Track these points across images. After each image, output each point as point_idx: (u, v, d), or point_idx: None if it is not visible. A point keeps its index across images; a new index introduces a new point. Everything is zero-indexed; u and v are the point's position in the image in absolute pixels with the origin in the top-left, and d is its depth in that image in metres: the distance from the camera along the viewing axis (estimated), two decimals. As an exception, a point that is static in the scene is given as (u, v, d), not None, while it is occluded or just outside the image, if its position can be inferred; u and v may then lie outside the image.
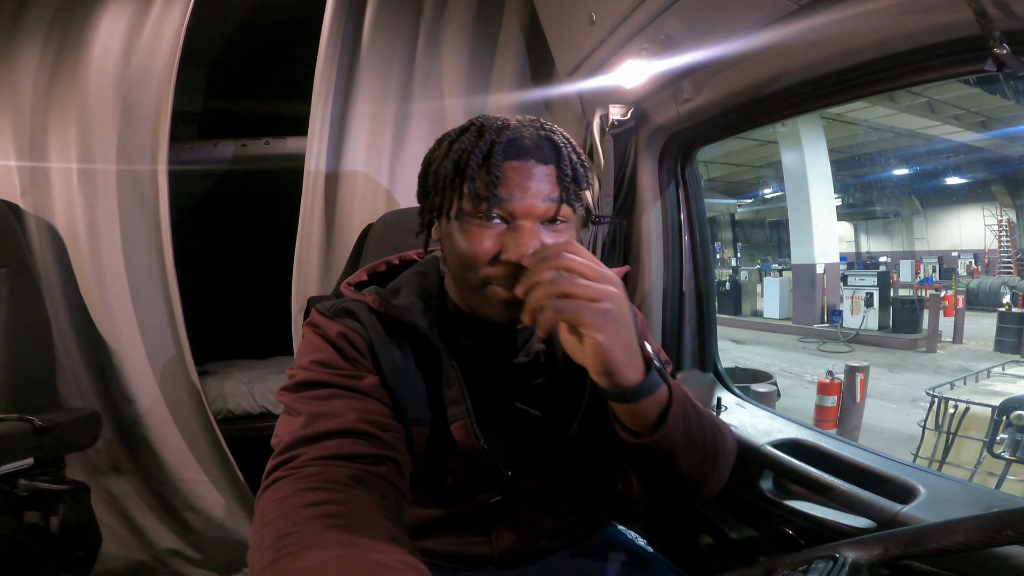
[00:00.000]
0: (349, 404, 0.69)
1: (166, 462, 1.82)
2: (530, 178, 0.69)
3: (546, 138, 0.71)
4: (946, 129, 12.39)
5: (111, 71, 1.72)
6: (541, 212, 0.69)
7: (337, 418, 0.66)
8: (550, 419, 0.80)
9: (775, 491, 1.09)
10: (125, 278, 1.77)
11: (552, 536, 0.84)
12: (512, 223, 0.69)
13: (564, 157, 0.71)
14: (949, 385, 2.78)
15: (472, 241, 0.70)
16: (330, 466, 0.61)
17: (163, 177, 1.76)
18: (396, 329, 0.77)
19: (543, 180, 0.69)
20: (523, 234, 0.68)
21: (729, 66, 1.13)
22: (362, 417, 0.67)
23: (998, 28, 0.74)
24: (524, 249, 0.67)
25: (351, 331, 0.75)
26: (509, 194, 0.68)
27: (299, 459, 0.62)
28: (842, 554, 0.51)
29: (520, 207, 0.68)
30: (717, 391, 1.50)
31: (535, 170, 0.69)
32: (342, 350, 0.73)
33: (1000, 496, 0.98)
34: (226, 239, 3.38)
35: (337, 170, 1.76)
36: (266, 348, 3.15)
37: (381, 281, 0.86)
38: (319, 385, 0.70)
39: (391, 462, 0.67)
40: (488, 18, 1.80)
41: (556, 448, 0.80)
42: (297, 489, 0.58)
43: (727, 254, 22.79)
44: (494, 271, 0.69)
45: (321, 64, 1.68)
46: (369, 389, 0.72)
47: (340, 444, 0.64)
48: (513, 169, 0.69)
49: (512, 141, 0.69)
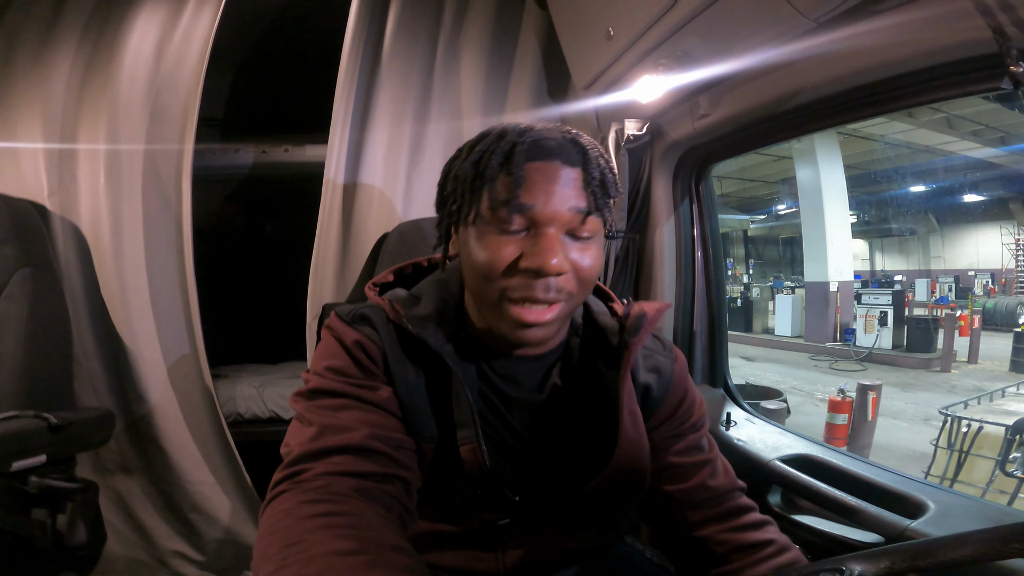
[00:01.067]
0: (360, 417, 0.67)
1: (175, 462, 1.83)
2: (555, 181, 0.63)
3: (572, 140, 0.66)
4: (964, 145, 12.26)
5: (142, 74, 1.76)
6: (567, 220, 0.64)
7: (347, 433, 0.65)
8: (561, 460, 0.76)
9: (783, 505, 1.09)
10: (145, 279, 1.80)
11: (560, 554, 0.81)
12: (534, 230, 0.64)
13: (592, 161, 0.65)
14: (963, 404, 2.74)
15: (489, 249, 0.64)
16: (336, 480, 0.60)
17: (187, 181, 1.79)
18: (411, 340, 0.73)
19: (569, 184, 0.64)
20: (545, 240, 0.63)
21: (746, 82, 1.14)
22: (372, 433, 0.66)
23: (1015, 46, 0.74)
24: (545, 257, 0.62)
25: (367, 339, 0.72)
26: (531, 198, 0.62)
27: (306, 474, 0.61)
28: (848, 567, 0.51)
29: (544, 213, 0.63)
30: (727, 406, 1.50)
31: (561, 172, 0.64)
32: (357, 359, 0.71)
33: (1010, 512, 0.97)
34: (244, 244, 3.43)
35: (355, 179, 1.78)
36: (279, 353, 3.19)
37: (408, 283, 0.84)
38: (332, 394, 0.69)
39: (399, 480, 0.66)
40: (506, 32, 1.82)
41: (569, 492, 0.76)
42: (303, 501, 0.57)
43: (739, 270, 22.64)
44: (511, 282, 0.64)
45: (342, 73, 1.72)
46: (382, 402, 0.69)
47: (348, 461, 0.63)
48: (536, 171, 0.63)
49: (536, 142, 0.64)
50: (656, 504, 0.81)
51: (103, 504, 1.69)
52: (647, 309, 0.77)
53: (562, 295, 0.65)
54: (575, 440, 0.76)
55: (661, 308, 0.78)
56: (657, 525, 0.82)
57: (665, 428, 0.82)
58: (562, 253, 0.63)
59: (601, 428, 0.74)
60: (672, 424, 0.82)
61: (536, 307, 0.65)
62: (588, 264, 0.66)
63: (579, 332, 0.80)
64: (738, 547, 0.75)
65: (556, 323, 0.68)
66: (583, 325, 0.81)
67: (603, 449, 0.74)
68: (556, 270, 0.62)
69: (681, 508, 0.79)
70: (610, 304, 0.85)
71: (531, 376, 0.77)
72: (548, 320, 0.66)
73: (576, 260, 0.65)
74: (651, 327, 0.76)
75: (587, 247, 0.66)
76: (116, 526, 1.80)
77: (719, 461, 0.83)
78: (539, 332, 0.67)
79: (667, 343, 0.87)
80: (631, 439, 0.74)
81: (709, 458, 0.82)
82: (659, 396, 0.81)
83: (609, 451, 0.73)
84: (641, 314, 0.76)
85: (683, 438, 0.82)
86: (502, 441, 0.76)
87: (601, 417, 0.75)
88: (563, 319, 0.69)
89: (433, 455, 0.73)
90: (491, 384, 0.75)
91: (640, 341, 0.74)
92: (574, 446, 0.76)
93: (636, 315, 0.76)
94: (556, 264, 0.62)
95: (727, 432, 1.36)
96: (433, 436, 0.73)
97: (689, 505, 0.79)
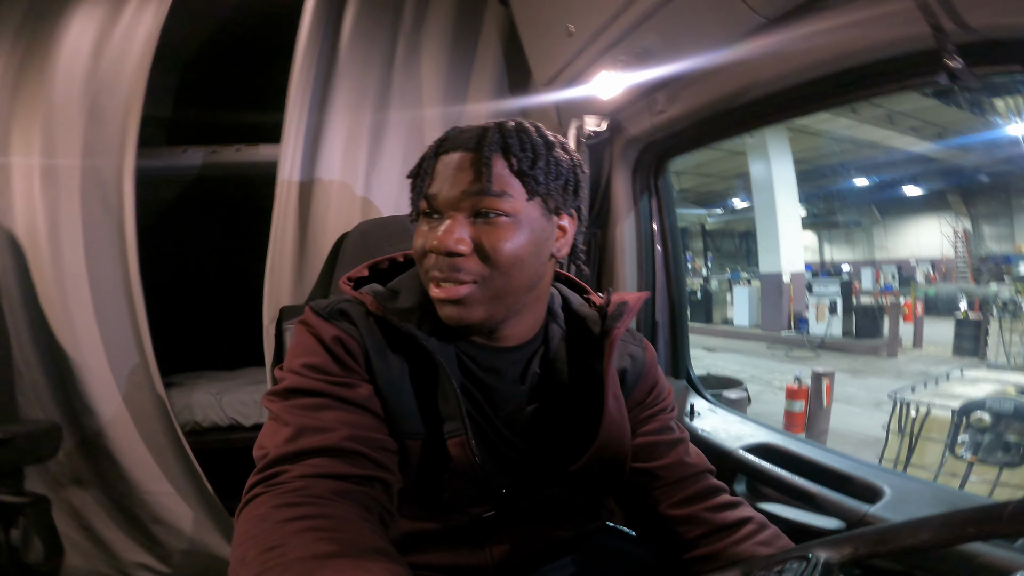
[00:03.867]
0: (340, 417, 0.66)
1: (130, 474, 1.76)
2: (454, 168, 0.68)
3: (482, 127, 0.70)
4: (905, 140, 12.86)
5: (79, 73, 1.68)
6: (465, 204, 0.67)
7: (326, 434, 0.63)
8: (547, 446, 0.77)
9: (748, 494, 1.12)
10: (87, 286, 1.72)
11: (548, 547, 0.81)
12: (439, 216, 0.69)
13: (490, 143, 0.68)
14: (911, 389, 2.87)
15: (416, 237, 0.71)
16: (315, 482, 0.59)
17: (129, 182, 1.71)
18: (393, 335, 0.72)
19: (466, 170, 0.68)
20: (442, 223, 0.68)
21: (702, 78, 1.16)
22: (352, 434, 0.64)
23: (952, 42, 0.78)
24: (436, 237, 0.66)
25: (346, 335, 0.70)
26: (436, 187, 0.69)
27: (283, 476, 0.60)
28: (814, 554, 0.52)
29: (439, 199, 0.68)
30: (690, 397, 1.52)
31: (460, 159, 0.68)
32: (336, 355, 0.69)
33: (963, 495, 1.02)
34: (195, 248, 3.31)
35: (312, 178, 1.74)
36: (236, 359, 3.09)
37: (383, 278, 0.83)
38: (310, 393, 0.67)
39: (379, 482, 0.65)
40: (467, 28, 1.81)
41: (553, 477, 0.77)
42: (280, 504, 0.56)
43: (698, 263, 23.20)
44: (426, 264, 0.69)
45: (298, 71, 1.67)
46: (362, 400, 0.68)
47: (327, 463, 0.61)
48: (443, 163, 0.69)
49: (449, 137, 0.70)
50: (635, 485, 0.81)
51: (58, 518, 1.65)
52: (627, 298, 0.80)
53: (466, 275, 0.67)
54: (559, 427, 0.77)
55: (641, 297, 0.81)
56: (635, 510, 0.83)
57: (638, 411, 0.83)
58: (459, 233, 0.67)
59: (584, 413, 0.76)
60: (645, 407, 0.84)
61: (446, 284, 0.68)
62: (494, 244, 0.67)
63: (559, 322, 0.81)
64: (721, 527, 0.75)
65: (474, 304, 0.68)
66: (563, 316, 0.82)
67: (587, 433, 0.75)
68: (446, 250, 0.66)
69: (660, 487, 0.80)
70: (586, 296, 0.87)
71: (512, 367, 0.77)
72: (459, 296, 0.67)
73: (481, 241, 0.67)
74: (633, 314, 0.79)
75: (494, 228, 0.67)
76: (74, 540, 1.74)
77: (691, 444, 0.86)
78: (456, 310, 0.68)
79: (636, 334, 0.89)
80: (615, 420, 0.75)
81: (682, 438, 0.84)
82: (632, 382, 0.83)
83: (593, 433, 0.74)
84: (623, 302, 0.79)
85: (655, 419, 0.84)
86: (487, 434, 0.76)
87: (584, 402, 0.76)
88: (485, 302, 0.69)
89: (419, 452, 0.72)
90: (473, 377, 0.75)
91: (623, 326, 0.77)
92: (558, 433, 0.77)
93: (618, 303, 0.79)
94: (444, 243, 0.66)
95: (691, 423, 1.38)
96: (418, 432, 0.72)
97: (668, 482, 0.80)
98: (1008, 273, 14.67)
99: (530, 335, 0.77)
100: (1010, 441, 1.90)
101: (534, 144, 0.70)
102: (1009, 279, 12.99)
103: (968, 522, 0.46)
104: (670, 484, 0.80)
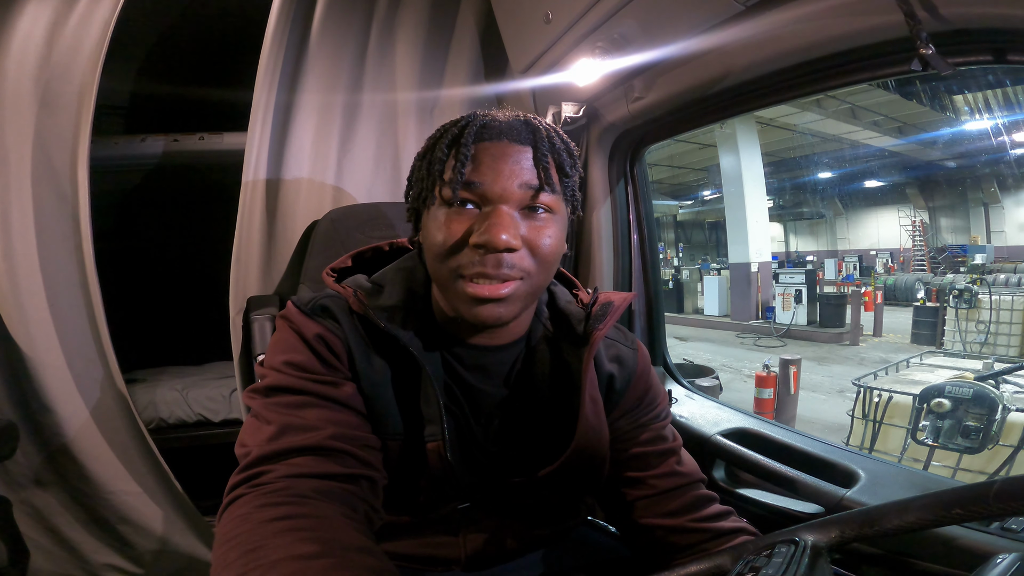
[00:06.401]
0: (324, 416, 0.64)
1: (92, 473, 1.70)
2: (503, 158, 0.64)
3: (524, 122, 0.67)
4: (867, 134, 13.28)
5: (31, 59, 1.58)
6: (517, 196, 0.64)
7: (309, 433, 0.62)
8: (523, 449, 0.76)
9: (727, 480, 1.13)
10: (40, 279, 1.63)
11: (521, 538, 0.81)
12: (485, 207, 0.64)
13: (543, 139, 0.66)
14: (873, 376, 2.95)
15: (442, 227, 0.64)
16: (298, 482, 0.58)
17: (83, 172, 1.63)
18: (376, 332, 0.70)
19: (519, 162, 0.64)
20: (496, 215, 0.62)
21: (678, 66, 1.16)
22: (337, 432, 0.63)
23: (925, 30, 0.78)
24: (494, 232, 0.61)
25: (329, 332, 0.68)
26: (480, 175, 0.63)
27: (266, 476, 0.58)
28: (802, 537, 0.52)
29: (492, 189, 0.63)
30: (668, 384, 1.54)
31: (509, 150, 0.64)
32: (319, 353, 0.67)
33: (935, 478, 1.05)
34: (156, 239, 3.20)
35: (280, 164, 1.67)
36: (202, 353, 3.01)
37: (367, 268, 0.80)
38: (292, 391, 0.65)
39: (365, 479, 0.64)
40: (443, 13, 1.76)
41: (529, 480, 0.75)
42: (262, 504, 0.55)
43: (670, 254, 23.56)
44: (463, 259, 0.64)
45: (266, 53, 1.59)
46: (346, 398, 0.67)
47: (311, 462, 0.60)
48: (484, 150, 0.64)
49: (485, 124, 0.66)
50: (625, 495, 0.79)
51: (20, 520, 1.59)
52: (613, 298, 0.78)
53: (516, 272, 0.64)
54: (539, 428, 0.76)
55: (627, 298, 0.79)
56: (625, 519, 0.80)
57: (629, 418, 0.81)
58: (513, 229, 0.63)
59: (564, 415, 0.74)
60: (636, 414, 0.82)
61: (490, 283, 0.64)
62: (544, 242, 0.66)
63: (544, 321, 0.79)
64: (713, 535, 0.74)
65: (515, 302, 0.66)
66: (548, 314, 0.80)
67: (564, 435, 0.73)
68: (505, 246, 0.62)
69: (651, 496, 0.78)
70: (575, 292, 0.85)
71: (499, 367, 0.76)
72: (504, 295, 0.64)
73: (530, 237, 0.65)
74: (616, 316, 0.77)
75: (543, 225, 0.66)
76: (39, 542, 1.68)
77: (683, 452, 0.84)
78: (496, 309, 0.65)
79: (629, 335, 0.87)
80: (591, 425, 0.74)
81: (675, 447, 0.82)
82: (622, 387, 0.81)
83: (569, 437, 0.73)
84: (608, 302, 0.77)
85: (647, 428, 0.81)
86: (468, 433, 0.75)
87: (565, 404, 0.75)
88: (523, 299, 0.67)
89: (398, 452, 0.71)
90: (457, 376, 0.74)
91: (605, 328, 0.74)
92: (537, 434, 0.76)
93: (602, 303, 0.77)
94: (505, 240, 0.62)
95: (669, 409, 1.39)
96: (398, 432, 0.71)
97: (659, 492, 0.78)
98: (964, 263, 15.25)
99: (522, 333, 0.76)
100: (970, 426, 1.96)
101: (567, 146, 0.70)
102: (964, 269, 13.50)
103: (954, 503, 0.47)
104: (661, 494, 0.78)
